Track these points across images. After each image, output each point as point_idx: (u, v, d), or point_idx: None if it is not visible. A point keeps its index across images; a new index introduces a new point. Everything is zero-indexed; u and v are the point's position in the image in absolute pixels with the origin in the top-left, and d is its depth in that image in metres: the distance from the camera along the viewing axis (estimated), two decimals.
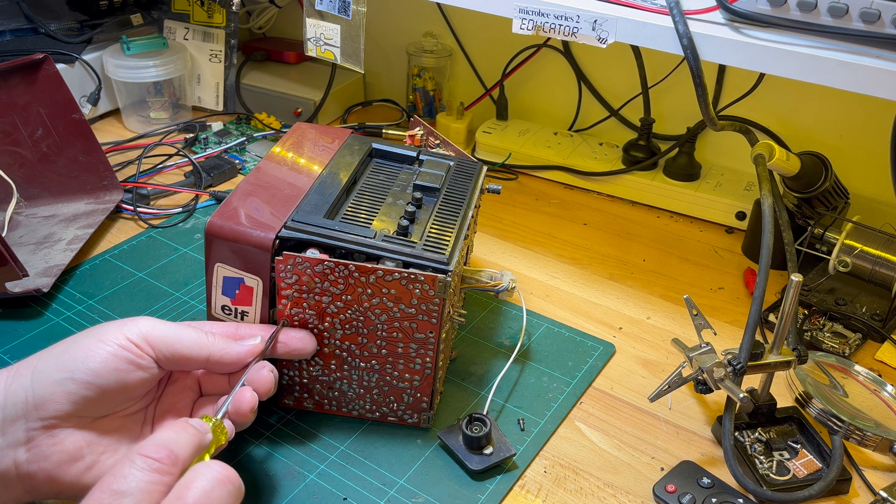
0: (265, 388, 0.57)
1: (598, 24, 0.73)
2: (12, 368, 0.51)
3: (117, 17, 1.16)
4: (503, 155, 1.07)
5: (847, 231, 0.81)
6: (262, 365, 0.57)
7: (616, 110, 1.09)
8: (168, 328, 0.55)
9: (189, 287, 0.81)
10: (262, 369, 0.57)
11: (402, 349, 0.61)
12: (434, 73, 1.17)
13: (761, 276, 0.64)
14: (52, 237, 0.85)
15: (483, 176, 0.74)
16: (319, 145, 0.74)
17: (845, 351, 0.76)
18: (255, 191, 0.65)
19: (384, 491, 0.60)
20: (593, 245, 0.93)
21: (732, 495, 0.60)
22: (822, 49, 0.66)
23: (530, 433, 0.66)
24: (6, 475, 0.49)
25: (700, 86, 0.71)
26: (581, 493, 0.61)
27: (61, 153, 0.92)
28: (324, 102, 1.16)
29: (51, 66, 0.90)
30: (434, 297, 0.58)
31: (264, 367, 0.57)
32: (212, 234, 0.60)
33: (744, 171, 1.02)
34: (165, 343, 0.54)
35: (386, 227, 0.63)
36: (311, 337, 0.61)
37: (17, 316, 0.76)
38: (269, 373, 0.57)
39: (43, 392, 0.50)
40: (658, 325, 0.80)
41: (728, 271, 0.89)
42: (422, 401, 0.64)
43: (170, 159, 1.05)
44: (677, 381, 0.64)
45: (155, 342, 0.53)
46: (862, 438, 0.63)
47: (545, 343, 0.76)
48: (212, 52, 1.17)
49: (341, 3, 0.89)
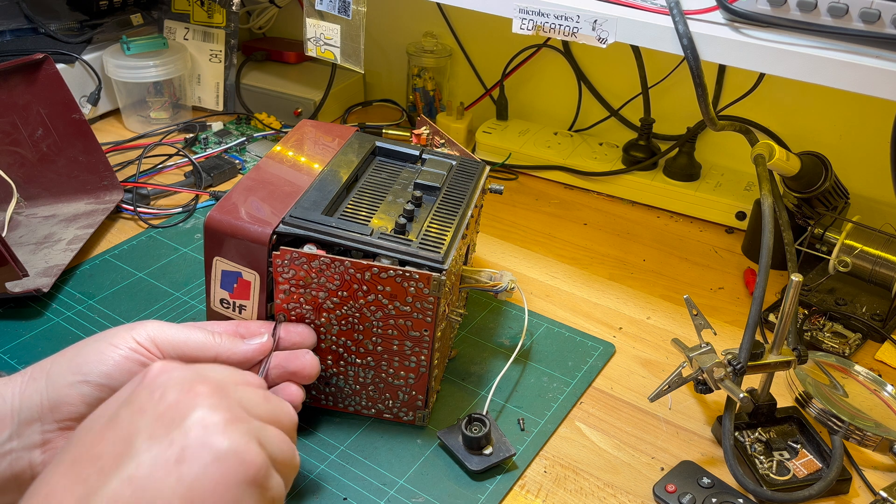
0: (310, 372, 0.59)
1: (598, 24, 0.73)
2: (26, 373, 0.52)
3: (117, 17, 1.16)
4: (503, 155, 1.07)
5: (847, 231, 0.81)
6: (304, 352, 0.60)
7: (616, 110, 1.09)
8: (175, 331, 0.55)
9: (189, 287, 0.81)
10: (305, 356, 0.59)
11: (398, 346, 0.61)
12: (434, 73, 1.17)
13: (761, 276, 0.64)
14: (52, 237, 0.85)
15: (485, 176, 0.74)
16: (322, 143, 0.74)
17: (845, 351, 0.76)
18: (256, 187, 0.65)
19: (384, 491, 0.60)
20: (593, 245, 0.93)
21: (732, 495, 0.60)
22: (822, 49, 0.66)
23: (530, 433, 0.66)
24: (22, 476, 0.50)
25: (700, 86, 0.71)
26: (581, 493, 0.61)
27: (61, 153, 0.92)
28: (324, 102, 1.16)
29: (51, 66, 0.90)
30: (429, 295, 0.58)
31: (306, 353, 0.60)
32: (211, 228, 0.61)
33: (744, 171, 1.02)
34: (173, 345, 0.55)
35: (384, 224, 0.63)
36: (310, 331, 0.61)
37: (17, 316, 0.76)
38: (311, 357, 0.60)
39: (57, 395, 0.50)
40: (658, 325, 0.80)
41: (728, 271, 0.89)
42: (417, 398, 0.64)
43: (170, 159, 1.05)
44: (677, 381, 0.64)
45: (163, 345, 0.54)
46: (862, 438, 0.63)
47: (545, 343, 0.76)
48: (212, 52, 1.17)
49: (341, 3, 0.89)
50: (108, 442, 0.41)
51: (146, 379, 0.44)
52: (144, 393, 0.43)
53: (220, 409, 0.42)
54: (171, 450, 0.40)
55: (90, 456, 0.41)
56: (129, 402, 0.43)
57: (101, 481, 0.39)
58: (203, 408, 0.42)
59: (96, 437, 0.42)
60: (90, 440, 0.42)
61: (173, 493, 0.39)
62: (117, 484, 0.39)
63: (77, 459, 0.41)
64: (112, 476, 0.39)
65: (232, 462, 0.41)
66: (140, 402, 0.43)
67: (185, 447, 0.40)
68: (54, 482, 0.40)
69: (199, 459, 0.40)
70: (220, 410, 0.42)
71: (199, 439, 0.41)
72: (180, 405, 0.42)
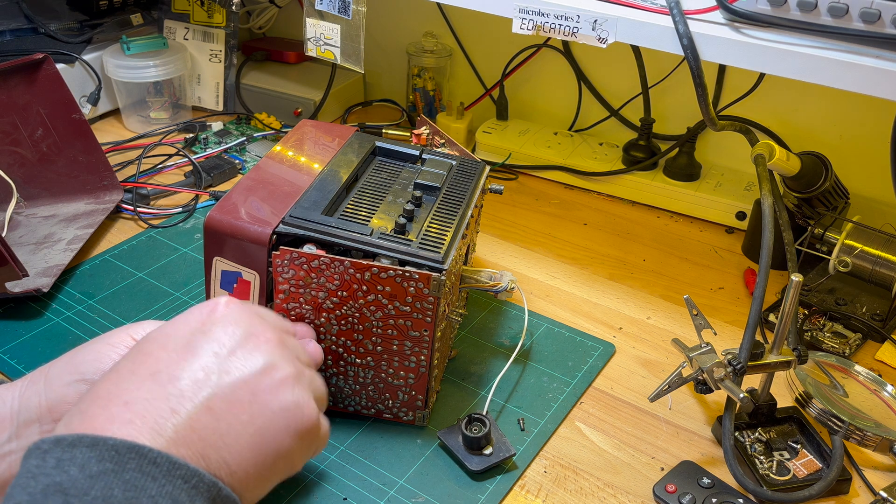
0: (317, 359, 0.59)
1: (598, 24, 0.73)
2: (26, 378, 0.53)
3: (117, 17, 1.16)
4: (503, 155, 1.07)
5: (847, 231, 0.81)
6: (307, 340, 0.60)
7: (616, 110, 1.09)
8: None
9: (189, 287, 0.81)
10: (309, 343, 0.60)
11: (397, 346, 0.61)
12: (434, 73, 1.17)
13: (761, 276, 0.64)
14: (52, 237, 0.85)
15: (485, 176, 0.74)
16: (322, 143, 0.74)
17: (845, 351, 0.76)
18: (255, 187, 0.65)
19: (384, 491, 0.60)
20: (593, 245, 0.93)
21: (732, 495, 0.60)
22: (822, 49, 0.66)
23: (530, 433, 0.66)
24: None
25: (700, 86, 0.71)
26: (581, 493, 0.61)
27: (61, 153, 0.92)
28: (324, 102, 1.16)
29: (51, 66, 0.90)
30: (428, 295, 0.58)
31: (310, 342, 0.60)
32: (211, 227, 0.61)
33: (744, 171, 1.02)
34: None
35: (384, 224, 0.63)
36: (308, 329, 0.61)
37: (17, 316, 0.76)
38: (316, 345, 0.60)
39: (55, 395, 0.51)
40: (658, 325, 0.80)
41: (728, 271, 0.89)
42: (417, 398, 0.64)
43: (170, 159, 1.05)
44: (677, 381, 0.64)
45: None
46: (862, 438, 0.63)
47: (545, 343, 0.76)
48: (212, 52, 1.17)
49: (341, 3, 0.89)
50: (186, 366, 0.45)
51: (217, 311, 0.49)
52: (219, 326, 0.47)
53: (286, 362, 0.48)
54: (246, 391, 0.45)
55: (169, 376, 0.44)
56: (204, 332, 0.47)
57: (181, 403, 0.43)
58: (271, 357, 0.47)
59: (174, 358, 0.45)
60: (167, 359, 0.45)
61: (245, 429, 0.44)
62: (197, 409, 0.43)
63: (155, 375, 0.44)
64: (192, 400, 0.43)
65: (294, 414, 0.47)
66: (215, 334, 0.47)
67: (256, 392, 0.46)
68: (132, 391, 0.43)
69: (268, 405, 0.46)
70: (286, 364, 0.48)
71: (270, 388, 0.46)
72: (255, 350, 0.47)
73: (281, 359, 0.48)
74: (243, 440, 0.44)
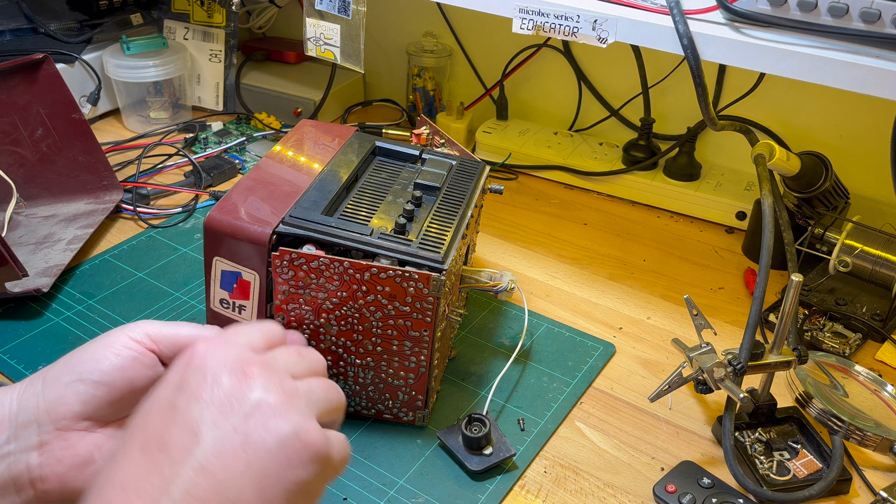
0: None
1: (598, 23, 0.73)
2: (25, 381, 0.52)
3: (117, 16, 1.16)
4: (503, 155, 1.07)
5: (847, 231, 0.81)
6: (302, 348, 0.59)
7: (616, 110, 1.09)
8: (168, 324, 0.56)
9: (189, 287, 0.81)
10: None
11: (397, 347, 0.61)
12: (434, 73, 1.17)
13: (761, 276, 0.64)
14: (51, 237, 0.85)
15: (485, 176, 0.74)
16: (322, 143, 0.74)
17: (845, 351, 0.76)
18: (255, 187, 0.65)
19: (384, 491, 0.60)
20: (593, 245, 0.93)
21: (732, 495, 0.60)
22: (822, 49, 0.66)
23: (530, 433, 0.66)
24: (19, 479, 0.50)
25: (700, 86, 0.71)
26: (581, 493, 0.61)
27: (61, 153, 0.92)
28: (324, 102, 1.16)
29: (51, 66, 0.90)
30: (428, 295, 0.58)
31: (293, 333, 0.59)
32: (210, 228, 0.61)
33: (744, 171, 1.02)
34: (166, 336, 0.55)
35: (384, 224, 0.63)
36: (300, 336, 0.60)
37: (17, 316, 0.76)
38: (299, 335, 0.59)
39: (53, 396, 0.51)
40: (658, 325, 0.80)
41: (728, 271, 0.89)
42: (417, 399, 0.64)
43: (170, 159, 1.05)
44: (677, 381, 0.64)
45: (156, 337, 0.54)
46: (862, 438, 0.63)
47: (545, 343, 0.76)
48: (212, 51, 1.17)
49: (341, 3, 0.89)
50: (172, 430, 0.42)
51: (193, 361, 0.45)
52: (196, 377, 0.44)
53: (273, 389, 0.44)
54: (236, 437, 0.42)
55: (157, 444, 0.42)
56: (183, 388, 0.44)
57: (174, 471, 0.41)
58: (258, 390, 0.43)
59: (159, 425, 0.43)
60: (153, 428, 0.43)
61: (244, 478, 0.41)
62: (191, 473, 0.41)
63: (145, 448, 0.42)
64: (184, 465, 0.41)
65: (294, 444, 0.43)
66: (193, 387, 0.44)
67: (247, 434, 0.42)
68: (126, 470, 0.41)
69: (263, 445, 0.42)
70: (274, 391, 0.44)
71: (260, 425, 0.42)
72: (236, 391, 0.44)
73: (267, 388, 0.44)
74: (245, 489, 0.41)
